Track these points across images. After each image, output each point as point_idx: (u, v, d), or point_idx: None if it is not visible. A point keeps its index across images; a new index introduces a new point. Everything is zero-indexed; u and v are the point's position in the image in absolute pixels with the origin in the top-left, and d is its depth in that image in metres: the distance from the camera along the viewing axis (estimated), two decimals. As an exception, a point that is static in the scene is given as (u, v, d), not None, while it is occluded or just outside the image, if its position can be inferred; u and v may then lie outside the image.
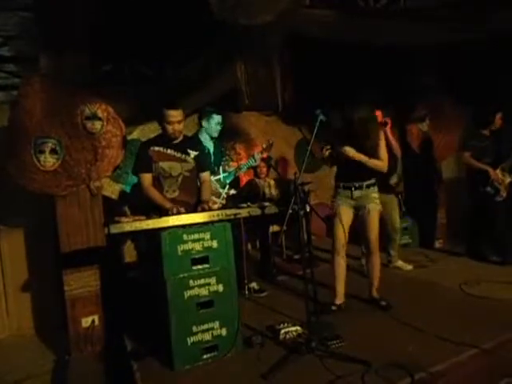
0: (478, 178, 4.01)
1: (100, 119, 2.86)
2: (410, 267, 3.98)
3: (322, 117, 2.78)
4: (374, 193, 2.98)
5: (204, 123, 3.42)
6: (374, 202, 2.95)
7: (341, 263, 3.01)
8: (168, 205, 2.65)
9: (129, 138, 4.09)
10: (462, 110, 4.85)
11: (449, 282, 3.42)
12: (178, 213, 2.51)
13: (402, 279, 3.73)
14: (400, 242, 4.22)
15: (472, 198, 4.17)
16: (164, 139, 2.82)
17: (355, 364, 2.12)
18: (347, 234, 2.95)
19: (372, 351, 2.23)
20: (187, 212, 2.55)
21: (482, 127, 4.09)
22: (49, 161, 2.71)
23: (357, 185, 2.94)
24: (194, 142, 3.12)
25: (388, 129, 3.78)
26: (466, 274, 3.61)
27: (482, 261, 4.03)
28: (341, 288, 3.03)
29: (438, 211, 4.98)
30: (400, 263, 4.02)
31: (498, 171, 3.97)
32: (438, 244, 4.92)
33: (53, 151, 2.72)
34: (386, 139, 3.83)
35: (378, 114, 3.72)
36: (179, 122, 2.76)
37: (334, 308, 2.96)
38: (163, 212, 2.56)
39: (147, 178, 2.78)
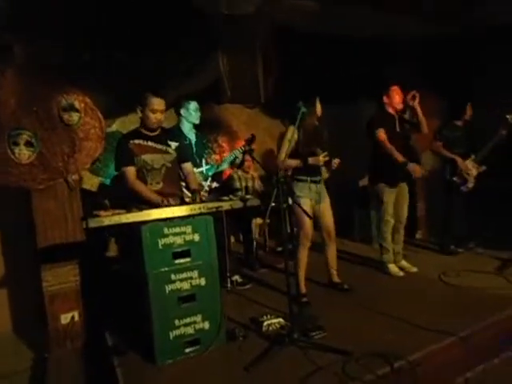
0: (448, 168, 4.06)
1: (77, 111, 2.79)
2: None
3: (303, 109, 2.84)
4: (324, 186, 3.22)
5: (182, 112, 3.39)
6: (327, 194, 3.20)
7: (306, 254, 3.13)
8: (155, 199, 2.57)
9: (108, 130, 4.01)
10: (440, 102, 4.90)
11: (428, 272, 3.49)
12: (168, 204, 2.45)
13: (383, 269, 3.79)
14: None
15: (444, 188, 4.19)
16: (142, 132, 2.74)
17: (336, 354, 2.14)
18: (312, 226, 3.09)
19: (352, 341, 2.26)
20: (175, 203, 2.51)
21: (456, 118, 4.11)
22: (24, 153, 2.63)
23: (318, 179, 3.11)
24: (173, 133, 3.07)
25: (417, 103, 3.39)
26: (446, 264, 3.69)
27: (444, 253, 4.09)
28: (304, 277, 3.17)
29: (417, 202, 5.05)
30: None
31: (468, 162, 3.98)
32: (418, 235, 5.01)
33: (28, 143, 2.64)
34: (417, 115, 3.46)
35: (396, 89, 3.46)
36: (162, 112, 2.70)
37: (305, 299, 2.99)
38: (151, 206, 2.48)
39: (132, 171, 2.65)
